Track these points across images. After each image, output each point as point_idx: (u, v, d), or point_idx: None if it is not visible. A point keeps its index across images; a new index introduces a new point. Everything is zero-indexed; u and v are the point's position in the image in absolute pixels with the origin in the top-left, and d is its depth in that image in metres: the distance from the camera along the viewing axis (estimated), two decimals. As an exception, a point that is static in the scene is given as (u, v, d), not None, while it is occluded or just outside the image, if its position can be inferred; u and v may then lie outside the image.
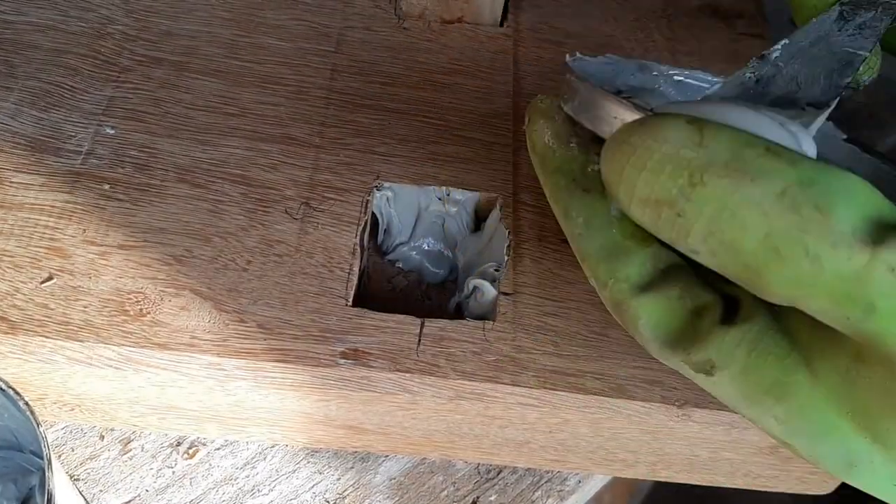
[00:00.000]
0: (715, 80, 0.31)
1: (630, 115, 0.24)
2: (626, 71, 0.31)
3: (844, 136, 0.31)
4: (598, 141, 0.26)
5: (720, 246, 0.21)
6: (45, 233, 0.33)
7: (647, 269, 0.24)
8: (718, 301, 0.24)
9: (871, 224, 0.19)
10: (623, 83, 0.32)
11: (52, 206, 0.34)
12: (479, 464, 0.38)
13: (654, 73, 0.31)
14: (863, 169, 0.31)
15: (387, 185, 0.36)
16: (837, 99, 0.30)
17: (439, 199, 0.38)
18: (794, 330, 0.22)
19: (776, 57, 0.31)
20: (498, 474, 0.38)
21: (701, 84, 0.31)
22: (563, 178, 0.27)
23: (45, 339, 0.31)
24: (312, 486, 0.37)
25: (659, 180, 0.21)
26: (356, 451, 0.37)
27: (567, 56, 0.30)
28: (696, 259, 0.22)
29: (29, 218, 0.34)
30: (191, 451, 0.37)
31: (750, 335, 0.22)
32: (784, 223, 0.19)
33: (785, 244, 0.19)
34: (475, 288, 0.35)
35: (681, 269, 0.25)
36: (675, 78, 0.31)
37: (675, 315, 0.24)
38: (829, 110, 0.29)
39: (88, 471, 0.36)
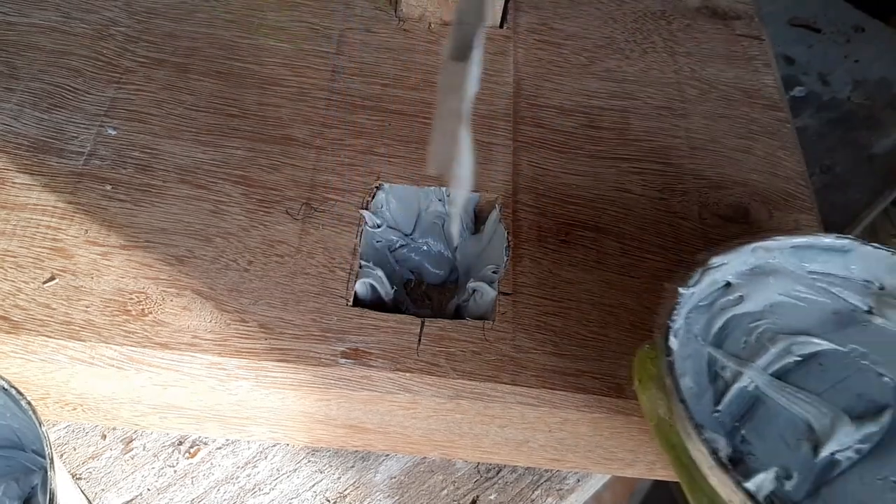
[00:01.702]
0: (837, 240, 0.30)
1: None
2: (739, 261, 0.30)
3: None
4: None
5: None
6: (47, 233, 0.33)
7: None
8: None
9: None
10: (736, 276, 0.30)
11: (55, 207, 0.34)
12: (478, 463, 0.38)
13: (767, 249, 0.30)
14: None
15: (387, 185, 0.37)
16: None
17: (439, 200, 0.38)
18: None
19: None
20: (497, 473, 0.38)
21: (820, 245, 0.30)
22: (682, 457, 0.26)
23: (47, 338, 0.31)
24: (313, 485, 0.37)
25: None
26: (357, 451, 0.38)
27: (680, 290, 0.28)
28: None
29: (31, 218, 0.34)
30: (192, 451, 0.37)
31: None
32: None
33: None
34: (475, 290, 0.35)
35: None
36: (792, 244, 0.30)
37: None
38: None
39: (90, 470, 0.36)
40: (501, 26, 0.44)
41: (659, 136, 0.40)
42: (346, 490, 0.37)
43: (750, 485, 0.24)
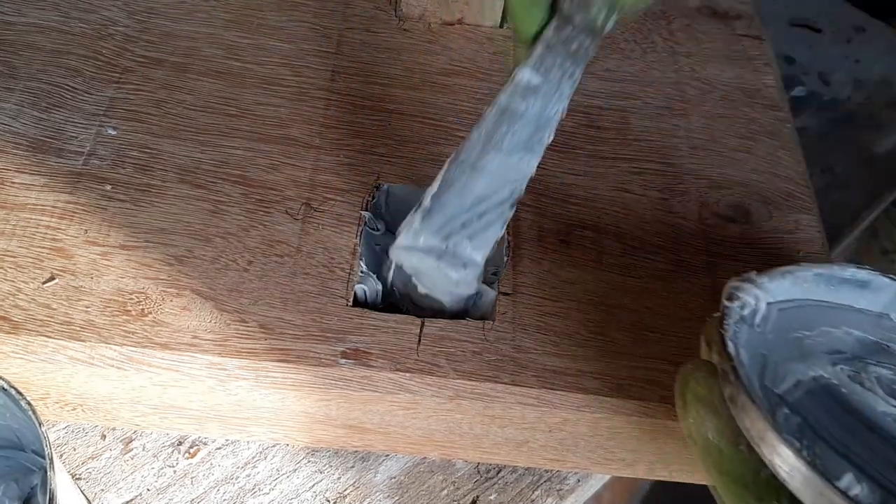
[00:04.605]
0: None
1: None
2: (775, 285, 0.28)
3: None
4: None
5: None
6: (47, 233, 0.33)
7: None
8: None
9: None
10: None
11: (54, 207, 0.34)
12: (478, 463, 0.38)
13: (835, 275, 0.29)
14: None
15: (387, 185, 0.37)
16: None
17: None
18: None
19: None
20: (497, 473, 0.38)
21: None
22: (734, 485, 0.26)
23: (47, 339, 0.31)
24: (313, 486, 0.37)
25: None
26: (356, 451, 0.38)
27: (724, 302, 0.27)
28: None
29: (31, 218, 0.34)
30: (192, 451, 0.37)
31: None
32: None
33: None
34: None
35: None
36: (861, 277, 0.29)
37: None
38: None
39: (90, 470, 0.36)
40: (501, 26, 0.44)
41: (659, 136, 0.40)
42: (346, 490, 0.37)
43: (842, 485, 0.23)
